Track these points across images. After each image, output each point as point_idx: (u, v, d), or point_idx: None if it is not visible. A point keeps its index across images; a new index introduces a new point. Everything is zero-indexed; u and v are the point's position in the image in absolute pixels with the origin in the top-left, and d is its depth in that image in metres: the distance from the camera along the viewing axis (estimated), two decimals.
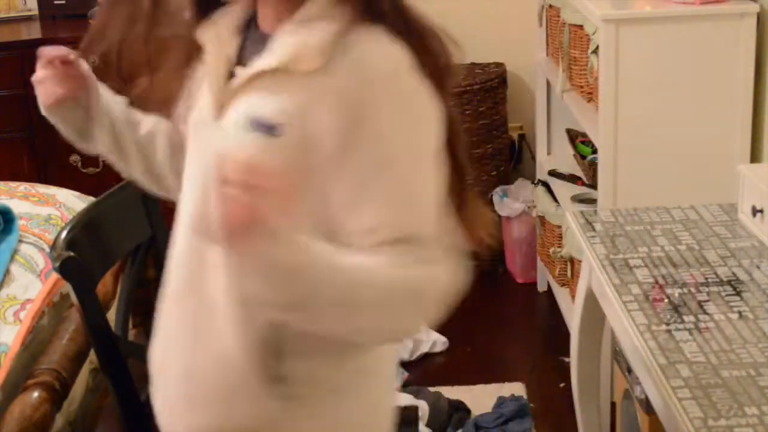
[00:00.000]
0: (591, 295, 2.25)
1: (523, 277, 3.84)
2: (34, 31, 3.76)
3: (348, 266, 1.17)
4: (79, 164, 3.65)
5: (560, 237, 3.34)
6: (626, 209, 2.32)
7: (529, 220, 3.71)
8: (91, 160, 3.65)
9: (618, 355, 2.57)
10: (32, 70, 3.63)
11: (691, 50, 2.69)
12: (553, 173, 3.50)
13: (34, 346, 2.02)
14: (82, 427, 2.12)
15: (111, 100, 1.57)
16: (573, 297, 3.18)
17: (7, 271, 2.17)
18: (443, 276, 1.21)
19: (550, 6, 3.37)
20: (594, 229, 2.23)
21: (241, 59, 1.34)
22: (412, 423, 2.19)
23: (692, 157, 2.76)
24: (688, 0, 2.70)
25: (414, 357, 3.35)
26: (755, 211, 2.14)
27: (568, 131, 3.56)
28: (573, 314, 2.47)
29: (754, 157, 2.77)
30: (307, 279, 1.13)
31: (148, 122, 1.57)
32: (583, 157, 3.33)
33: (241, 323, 1.28)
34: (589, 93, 2.91)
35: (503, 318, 3.60)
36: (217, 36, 1.36)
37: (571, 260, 3.22)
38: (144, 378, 2.03)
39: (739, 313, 1.84)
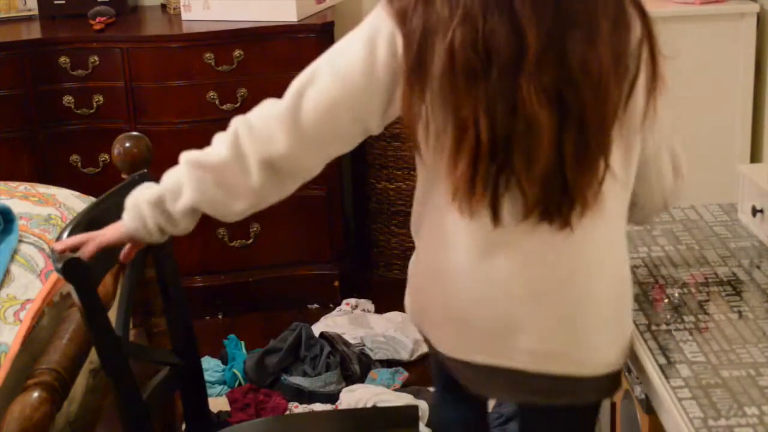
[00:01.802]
0: None
1: None
2: (34, 31, 3.76)
3: None
4: (79, 164, 3.64)
5: None
6: None
7: None
8: (91, 160, 3.65)
9: None
10: (32, 70, 3.64)
11: (691, 50, 2.70)
12: None
13: (34, 346, 2.02)
14: (82, 427, 2.12)
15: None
16: None
17: (7, 271, 2.16)
18: None
19: None
20: None
21: None
22: (412, 423, 2.19)
23: (692, 157, 2.75)
24: (688, 0, 2.70)
25: (414, 357, 3.35)
26: (755, 211, 2.14)
27: None
28: None
29: (754, 157, 2.77)
30: None
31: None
32: None
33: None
34: None
35: None
36: None
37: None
38: (144, 378, 2.04)
39: (739, 313, 1.84)
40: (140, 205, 1.68)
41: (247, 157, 1.63)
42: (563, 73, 1.51)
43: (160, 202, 1.67)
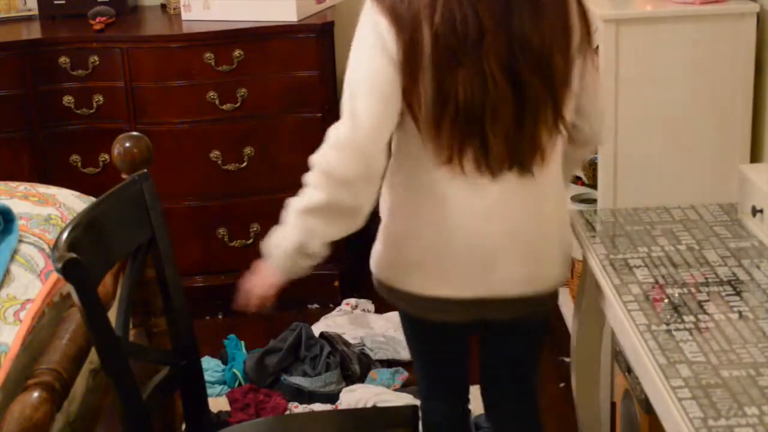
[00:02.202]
0: (591, 295, 2.25)
1: None
2: (34, 31, 3.76)
3: None
4: (79, 164, 3.64)
5: None
6: (626, 209, 2.32)
7: None
8: (91, 160, 3.65)
9: (618, 355, 2.57)
10: (32, 70, 3.63)
11: (691, 50, 2.69)
12: None
13: (34, 346, 2.02)
14: (82, 427, 2.12)
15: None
16: (573, 297, 3.17)
17: (7, 271, 2.16)
18: None
19: None
20: (594, 229, 2.23)
21: None
22: (412, 423, 2.19)
23: (692, 157, 2.76)
24: (688, 0, 2.70)
25: None
26: (755, 211, 2.14)
27: None
28: (573, 314, 2.47)
29: (754, 157, 2.77)
30: None
31: None
32: None
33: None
34: None
35: None
36: None
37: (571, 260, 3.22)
38: (144, 378, 2.04)
39: (739, 313, 1.84)
40: (290, 258, 1.97)
41: (341, 187, 1.91)
42: (510, 49, 1.84)
43: (303, 249, 1.96)
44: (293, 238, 1.95)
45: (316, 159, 1.93)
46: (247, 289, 2.04)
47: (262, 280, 2.02)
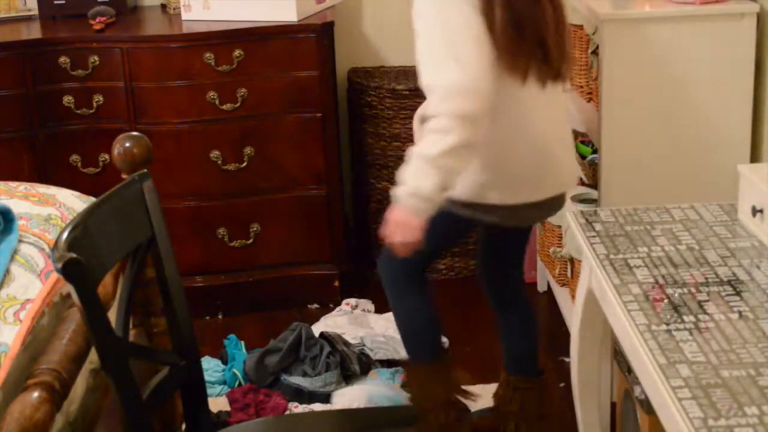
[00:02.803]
0: (591, 295, 2.25)
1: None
2: (34, 31, 3.76)
3: None
4: (79, 164, 3.65)
5: (560, 237, 3.34)
6: (626, 209, 2.32)
7: None
8: (91, 160, 3.65)
9: (618, 355, 2.57)
10: (32, 70, 3.64)
11: (691, 50, 2.70)
12: None
13: (34, 346, 2.02)
14: (82, 427, 2.12)
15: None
16: (573, 297, 3.17)
17: (7, 271, 2.16)
18: None
19: None
20: (594, 229, 2.23)
21: None
22: (412, 423, 2.19)
23: (692, 157, 2.76)
24: (688, 0, 2.70)
25: None
26: (755, 211, 2.14)
27: None
28: (573, 314, 2.47)
29: (754, 157, 2.77)
30: None
31: None
32: (583, 157, 3.33)
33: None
34: (589, 93, 2.91)
35: None
36: None
37: (571, 260, 3.22)
38: (144, 378, 2.04)
39: (739, 313, 1.84)
40: (431, 199, 2.17)
41: (471, 126, 2.14)
42: None
43: (442, 187, 2.17)
44: (433, 180, 2.15)
45: (438, 107, 2.14)
46: (393, 241, 2.22)
47: (407, 228, 2.19)
